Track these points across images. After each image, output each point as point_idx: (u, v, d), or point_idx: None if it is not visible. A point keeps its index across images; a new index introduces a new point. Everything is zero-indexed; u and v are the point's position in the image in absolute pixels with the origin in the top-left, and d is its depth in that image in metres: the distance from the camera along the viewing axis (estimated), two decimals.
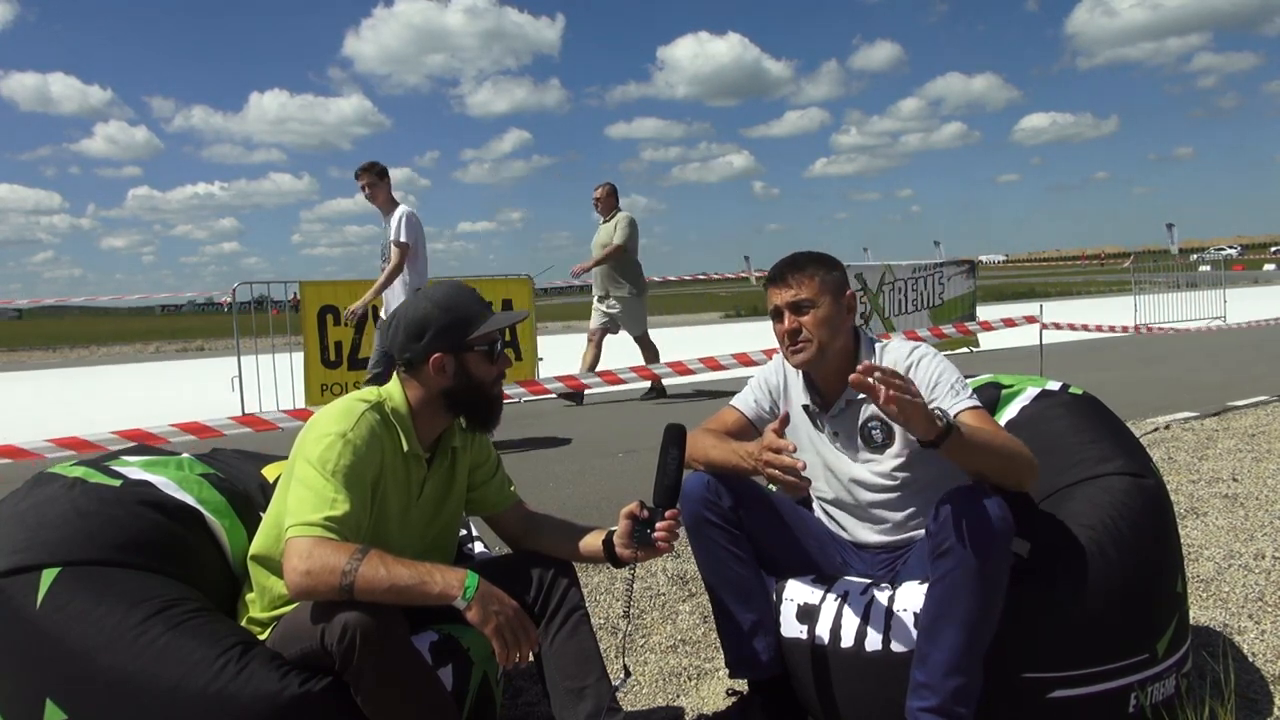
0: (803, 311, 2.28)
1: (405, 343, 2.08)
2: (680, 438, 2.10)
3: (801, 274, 2.30)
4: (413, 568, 1.82)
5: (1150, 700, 2.14)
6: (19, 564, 1.96)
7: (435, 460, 2.18)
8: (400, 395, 2.11)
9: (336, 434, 1.96)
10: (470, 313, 2.10)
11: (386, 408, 2.08)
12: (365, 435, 1.99)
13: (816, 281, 2.29)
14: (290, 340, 10.08)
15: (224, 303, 14.21)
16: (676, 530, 2.10)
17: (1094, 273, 58.12)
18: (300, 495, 1.89)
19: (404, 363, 2.10)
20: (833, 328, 2.28)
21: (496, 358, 2.13)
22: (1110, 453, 2.41)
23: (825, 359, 2.29)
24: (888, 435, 2.30)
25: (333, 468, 1.91)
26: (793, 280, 2.30)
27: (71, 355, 25.97)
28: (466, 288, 2.15)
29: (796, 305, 2.29)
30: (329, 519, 1.84)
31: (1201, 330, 14.64)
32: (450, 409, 2.13)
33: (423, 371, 2.08)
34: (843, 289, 2.32)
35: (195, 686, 1.79)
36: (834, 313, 2.29)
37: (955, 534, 1.94)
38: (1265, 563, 3.39)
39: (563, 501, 5.17)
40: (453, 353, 2.07)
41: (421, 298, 2.12)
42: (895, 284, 13.95)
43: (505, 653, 1.83)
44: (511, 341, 10.67)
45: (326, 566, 1.78)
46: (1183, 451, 5.44)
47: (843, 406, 2.34)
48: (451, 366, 2.08)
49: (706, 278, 16.19)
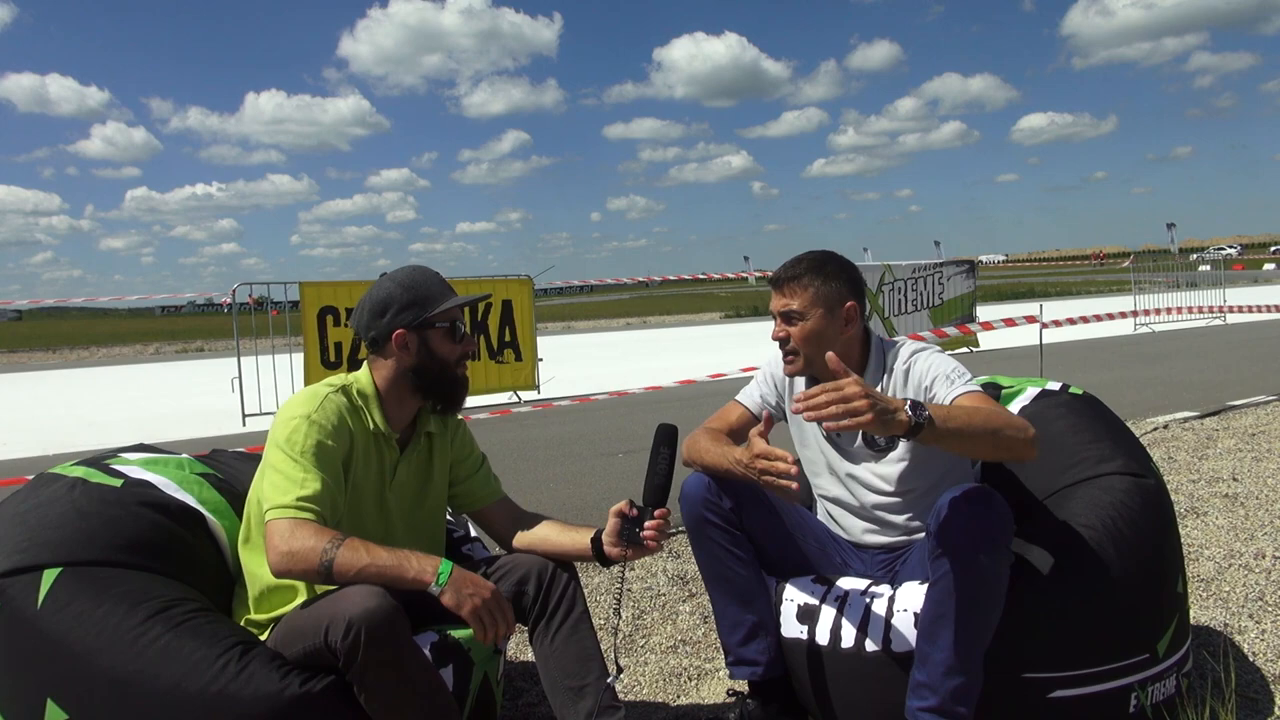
0: (791, 322, 2.27)
1: (370, 321, 2.14)
2: (671, 437, 2.10)
3: (796, 284, 2.27)
4: (390, 553, 1.87)
5: (1151, 700, 2.14)
6: (20, 564, 1.96)
7: (409, 445, 2.22)
8: (367, 377, 2.17)
9: (302, 416, 2.02)
10: (431, 291, 2.16)
11: (353, 389, 2.14)
12: (331, 415, 2.05)
13: (810, 294, 2.25)
14: (290, 341, 10.09)
15: (224, 304, 14.20)
16: (666, 529, 2.10)
17: (1094, 272, 58.12)
18: (273, 480, 1.95)
19: (369, 341, 2.16)
20: (820, 341, 2.24)
21: (460, 338, 2.18)
22: (1110, 453, 2.41)
23: (816, 368, 2.29)
24: (890, 439, 2.29)
25: (300, 449, 1.97)
26: (786, 289, 2.28)
27: (71, 356, 25.98)
28: (429, 270, 2.20)
29: (786, 315, 2.27)
30: (302, 499, 1.90)
31: (1201, 329, 14.64)
32: (416, 389, 2.17)
33: (387, 349, 2.14)
34: (840, 301, 2.26)
35: (196, 686, 1.79)
36: (823, 327, 2.25)
37: (955, 534, 1.94)
38: (1265, 562, 3.39)
39: (562, 501, 5.17)
40: (415, 329, 2.13)
41: (385, 279, 2.18)
42: (895, 284, 13.96)
43: (485, 634, 1.87)
44: (511, 342, 10.68)
45: (306, 547, 1.84)
46: (1183, 451, 5.44)
47: None
48: (414, 343, 2.13)
49: (706, 278, 16.22)
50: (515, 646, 2.89)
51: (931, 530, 2.00)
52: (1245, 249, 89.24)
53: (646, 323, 32.05)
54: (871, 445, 2.32)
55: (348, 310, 9.51)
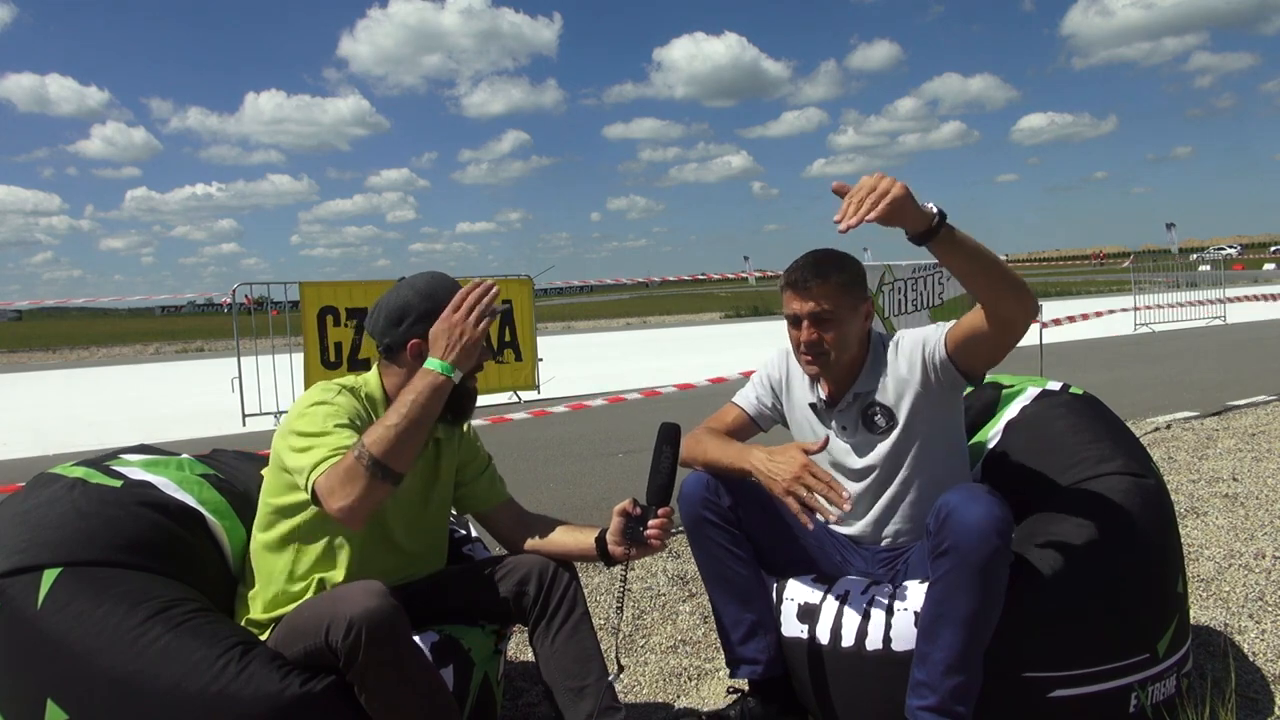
0: (824, 324, 2.23)
1: (385, 328, 2.12)
2: (674, 436, 2.10)
3: (825, 284, 2.21)
4: (393, 411, 1.91)
5: (1151, 700, 2.14)
6: (20, 564, 1.96)
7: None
8: (377, 382, 2.16)
9: (318, 402, 2.03)
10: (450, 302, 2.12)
11: (362, 393, 2.13)
12: (345, 406, 2.05)
13: (839, 295, 2.22)
14: (290, 341, 10.08)
15: (224, 304, 14.21)
16: (669, 528, 2.10)
17: (1094, 272, 58.16)
18: (300, 456, 1.94)
19: (384, 348, 2.15)
20: (848, 341, 2.27)
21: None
22: (1110, 453, 2.41)
23: (839, 368, 2.30)
24: (890, 420, 2.30)
25: (320, 425, 1.97)
26: (816, 289, 2.21)
27: (71, 356, 25.98)
28: (449, 279, 2.18)
29: (818, 318, 2.22)
30: (334, 449, 1.91)
31: (1201, 329, 14.65)
32: None
33: (400, 356, 2.12)
34: (863, 299, 2.28)
35: (196, 687, 1.79)
36: (854, 327, 2.26)
37: (955, 533, 1.94)
38: (1265, 562, 3.39)
39: (562, 501, 5.17)
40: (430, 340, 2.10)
41: (403, 285, 2.16)
42: (895, 284, 13.96)
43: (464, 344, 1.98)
44: (511, 342, 10.67)
45: (345, 468, 1.85)
46: (1183, 451, 5.44)
47: (850, 400, 2.33)
48: (429, 354, 2.10)
49: (706, 278, 16.23)
50: (515, 646, 2.89)
51: (931, 529, 2.00)
52: (1245, 249, 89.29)
53: (646, 323, 32.05)
54: (872, 428, 2.31)
55: (348, 310, 9.50)
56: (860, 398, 2.32)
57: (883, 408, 2.30)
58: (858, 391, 2.31)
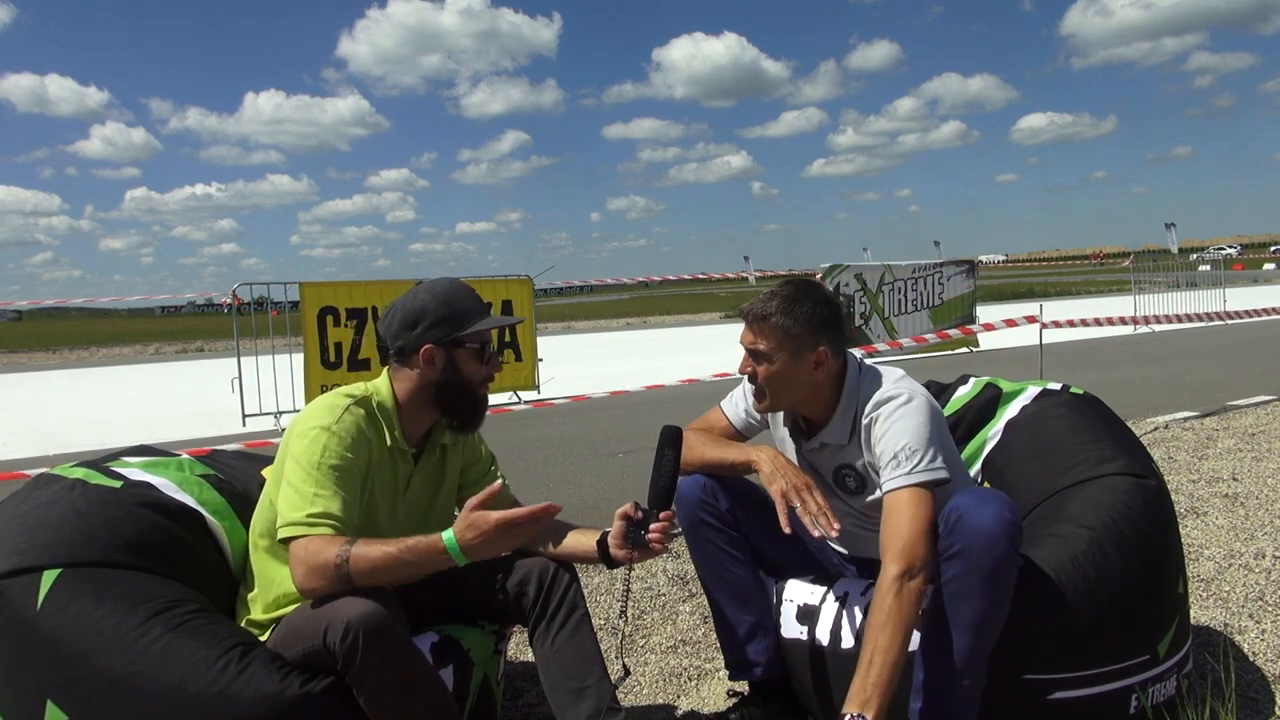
0: (759, 361, 2.18)
1: (399, 331, 2.10)
2: (676, 439, 2.09)
3: (765, 324, 2.15)
4: (396, 543, 1.86)
5: (1151, 701, 2.14)
6: (20, 565, 1.96)
7: (423, 456, 2.20)
8: (387, 388, 2.13)
9: (321, 428, 1.98)
10: (466, 309, 2.12)
11: (372, 402, 2.10)
12: (350, 428, 2.01)
13: (778, 337, 2.14)
14: (290, 341, 10.08)
15: (224, 304, 14.20)
16: (671, 531, 2.10)
17: (1094, 272, 58.15)
18: (288, 496, 1.92)
19: (396, 351, 2.12)
20: (787, 385, 2.17)
21: (487, 359, 2.14)
22: (1111, 453, 2.41)
23: (784, 407, 2.25)
24: (860, 484, 2.23)
25: (318, 462, 1.93)
26: (755, 327, 2.18)
27: (71, 357, 25.99)
28: (466, 286, 2.16)
29: (754, 353, 2.19)
30: (315, 516, 1.88)
31: (1201, 329, 14.65)
32: (436, 404, 2.13)
33: (412, 361, 2.10)
34: (811, 345, 2.13)
35: (196, 687, 1.79)
36: (788, 370, 2.16)
37: (966, 537, 1.92)
38: (1265, 562, 3.39)
39: (562, 501, 5.14)
40: (444, 346, 2.09)
41: (421, 289, 2.14)
42: (895, 284, 13.96)
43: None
44: (511, 342, 10.67)
45: (321, 560, 1.83)
46: (1183, 451, 5.44)
47: (816, 447, 2.25)
48: (441, 360, 2.09)
49: (706, 278, 16.21)
50: (515, 646, 2.89)
51: (940, 533, 1.99)
52: (1245, 249, 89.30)
53: (646, 323, 32.05)
54: (843, 489, 2.26)
55: (348, 310, 9.50)
56: (829, 451, 2.23)
57: (855, 473, 2.22)
58: (825, 442, 2.22)
